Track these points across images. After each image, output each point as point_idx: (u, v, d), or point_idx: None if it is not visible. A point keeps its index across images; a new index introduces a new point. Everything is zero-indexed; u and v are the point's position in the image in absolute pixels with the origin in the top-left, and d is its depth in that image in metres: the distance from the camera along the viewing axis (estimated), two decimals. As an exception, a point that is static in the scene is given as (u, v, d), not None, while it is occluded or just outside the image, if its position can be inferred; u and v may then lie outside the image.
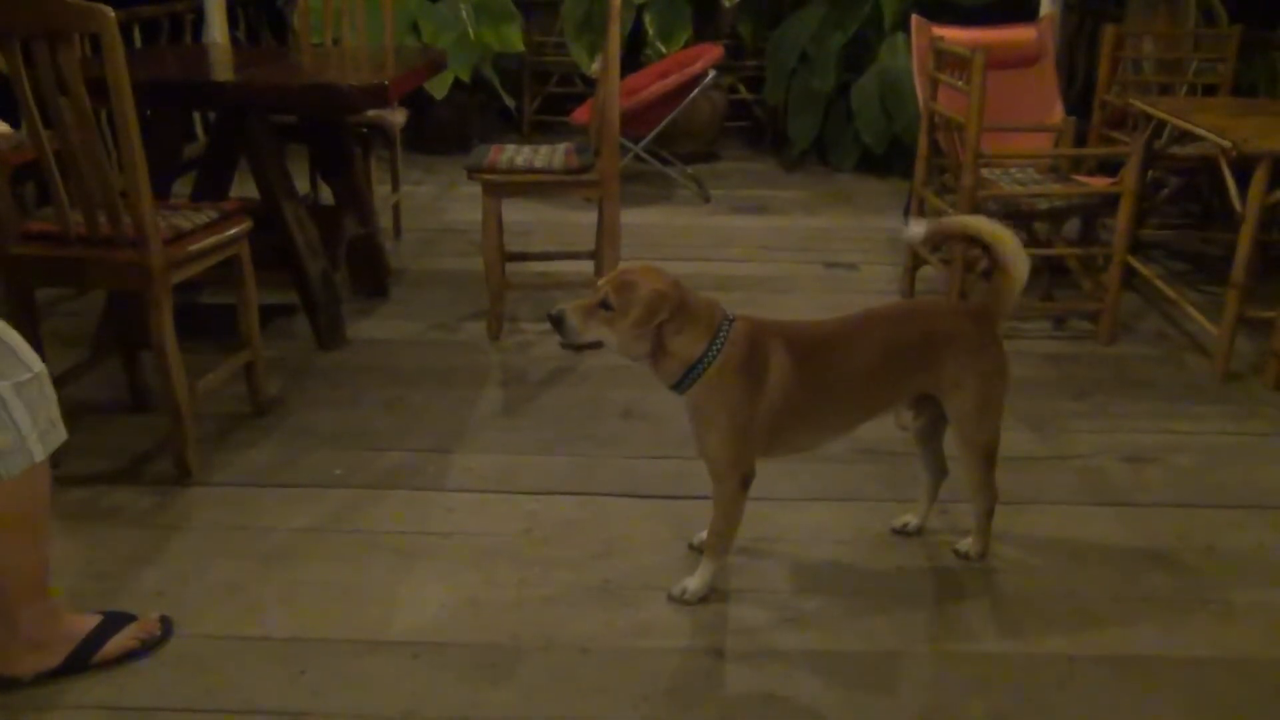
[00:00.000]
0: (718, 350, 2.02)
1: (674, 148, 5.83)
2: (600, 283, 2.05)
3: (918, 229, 2.20)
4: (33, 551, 1.86)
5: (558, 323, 2.02)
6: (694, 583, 2.20)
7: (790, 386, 2.06)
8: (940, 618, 2.19)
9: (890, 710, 1.92)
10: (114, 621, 2.01)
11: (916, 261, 3.98)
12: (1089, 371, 3.39)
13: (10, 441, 1.73)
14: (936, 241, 2.24)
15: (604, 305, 2.00)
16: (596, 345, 2.10)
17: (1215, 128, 3.22)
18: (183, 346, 2.57)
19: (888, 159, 5.90)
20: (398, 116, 4.42)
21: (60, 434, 1.84)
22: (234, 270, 2.79)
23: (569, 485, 2.66)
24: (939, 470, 2.41)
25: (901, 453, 2.63)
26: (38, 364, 1.79)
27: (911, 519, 2.46)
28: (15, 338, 1.76)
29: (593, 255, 3.77)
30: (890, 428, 2.69)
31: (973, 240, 2.20)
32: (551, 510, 2.55)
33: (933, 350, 2.16)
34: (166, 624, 2.07)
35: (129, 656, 1.99)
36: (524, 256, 3.94)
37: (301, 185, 3.86)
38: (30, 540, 1.85)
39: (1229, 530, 2.50)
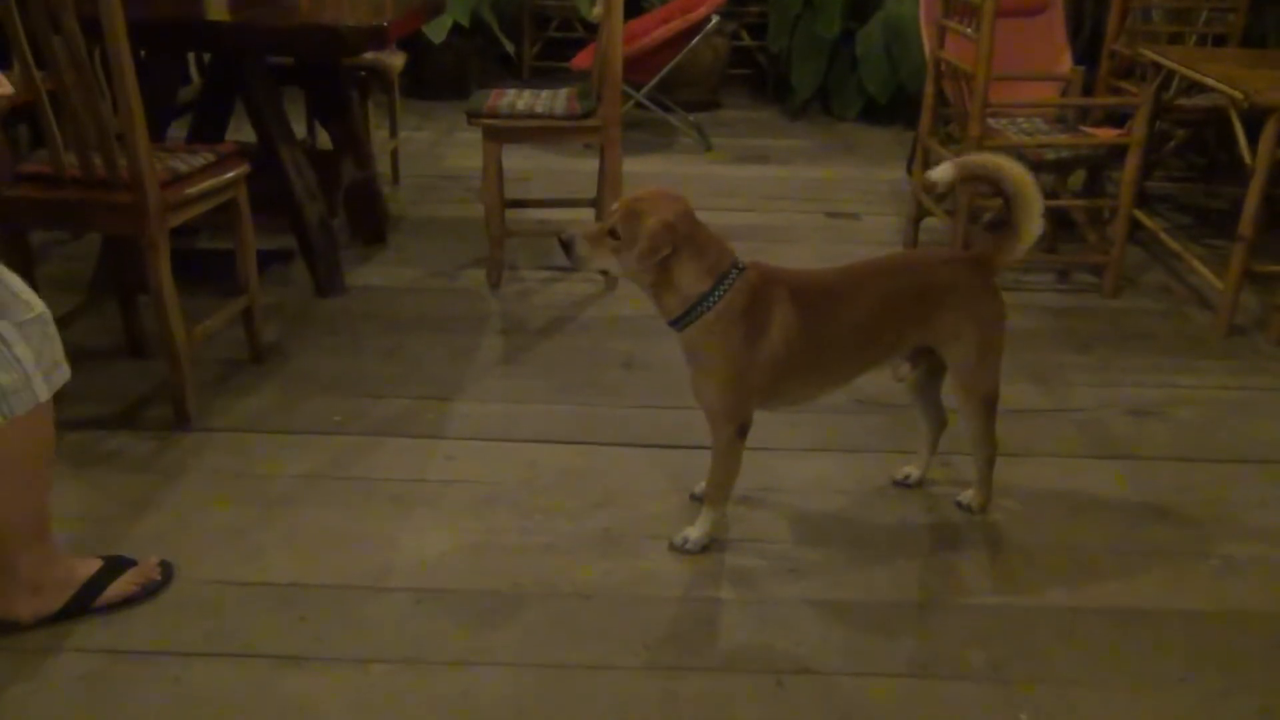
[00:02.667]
0: (721, 294, 2.00)
1: (675, 95, 5.75)
2: (613, 207, 2.02)
3: (945, 170, 2.13)
4: (35, 494, 1.85)
5: (567, 248, 2.00)
6: (695, 532, 2.20)
7: (793, 336, 2.04)
8: (940, 569, 2.19)
9: (889, 660, 1.93)
10: (114, 566, 2.01)
11: (920, 212, 3.95)
12: (1092, 324, 3.38)
13: (14, 380, 1.71)
14: (964, 180, 2.15)
15: (613, 234, 1.97)
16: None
17: (1226, 78, 3.17)
18: (180, 292, 2.54)
19: (892, 108, 5.84)
20: (396, 60, 4.35)
21: (65, 374, 1.82)
22: (231, 215, 2.76)
23: (570, 434, 2.65)
24: (938, 421, 2.40)
25: (904, 405, 2.61)
26: (40, 305, 1.77)
27: (913, 470, 2.45)
28: (15, 280, 1.74)
29: (594, 203, 3.73)
30: (892, 380, 2.67)
31: (994, 187, 2.13)
32: (552, 459, 2.54)
33: (931, 300, 2.14)
34: (166, 568, 2.07)
35: (129, 601, 1.99)
36: (524, 203, 3.90)
37: (298, 129, 3.80)
38: (32, 482, 1.83)
39: (1230, 484, 2.50)
